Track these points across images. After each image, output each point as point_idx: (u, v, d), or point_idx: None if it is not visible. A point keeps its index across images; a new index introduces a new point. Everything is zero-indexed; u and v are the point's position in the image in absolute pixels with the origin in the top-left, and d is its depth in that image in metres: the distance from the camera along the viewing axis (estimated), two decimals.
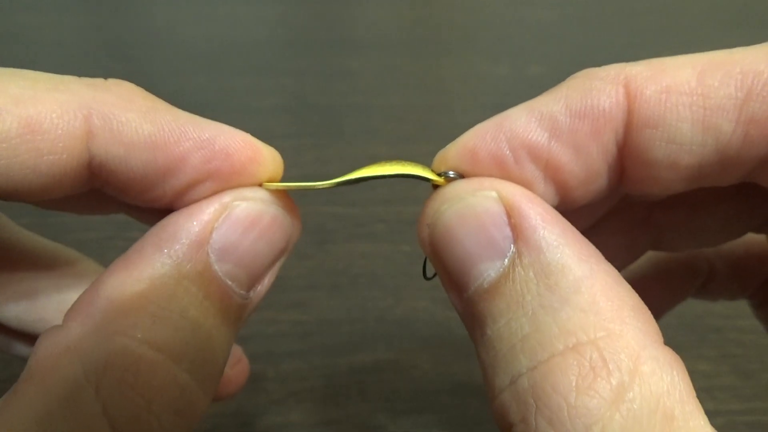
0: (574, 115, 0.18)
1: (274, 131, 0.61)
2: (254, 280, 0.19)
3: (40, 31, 0.84)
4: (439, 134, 0.63)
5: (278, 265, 0.20)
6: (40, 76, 0.18)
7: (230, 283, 0.19)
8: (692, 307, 0.32)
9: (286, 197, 0.20)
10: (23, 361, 0.25)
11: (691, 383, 0.16)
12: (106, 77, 0.19)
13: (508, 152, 0.19)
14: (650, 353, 0.16)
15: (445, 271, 0.19)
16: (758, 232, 0.26)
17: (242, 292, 0.19)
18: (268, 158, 0.20)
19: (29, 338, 0.26)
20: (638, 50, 0.82)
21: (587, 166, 0.19)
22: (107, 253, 0.45)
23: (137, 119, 0.18)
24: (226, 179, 0.19)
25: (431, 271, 0.20)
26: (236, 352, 0.31)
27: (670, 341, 0.16)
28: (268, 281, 0.20)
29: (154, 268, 0.18)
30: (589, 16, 0.96)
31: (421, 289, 0.45)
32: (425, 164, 0.20)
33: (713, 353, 0.41)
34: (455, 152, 0.19)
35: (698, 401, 0.15)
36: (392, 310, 0.43)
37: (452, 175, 0.19)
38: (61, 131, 0.17)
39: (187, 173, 0.19)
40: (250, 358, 0.31)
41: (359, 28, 0.92)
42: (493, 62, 0.79)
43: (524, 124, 0.19)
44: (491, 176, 0.19)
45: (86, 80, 0.19)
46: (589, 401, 0.15)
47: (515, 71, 0.76)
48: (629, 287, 0.17)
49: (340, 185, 0.19)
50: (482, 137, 0.19)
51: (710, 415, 0.15)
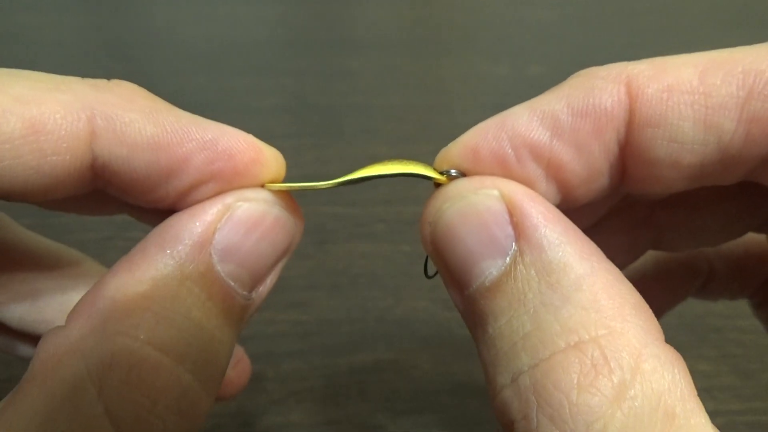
0: (575, 113, 0.18)
1: (274, 131, 0.61)
2: (257, 280, 0.20)
3: (40, 31, 0.84)
4: (439, 134, 0.62)
5: (281, 265, 0.20)
6: (43, 76, 0.18)
7: (233, 283, 0.19)
8: (692, 307, 0.32)
9: (288, 198, 0.20)
10: (24, 361, 0.25)
11: (692, 381, 0.16)
12: (106, 77, 0.19)
13: (509, 151, 0.19)
14: (651, 351, 0.16)
15: (446, 269, 0.19)
16: (758, 231, 0.26)
17: (245, 292, 0.19)
18: (270, 159, 0.20)
19: (31, 339, 0.26)
20: (638, 50, 0.81)
21: (589, 164, 0.19)
22: (107, 253, 0.45)
23: (140, 120, 0.18)
24: (228, 180, 0.19)
25: (432, 269, 0.20)
26: (238, 352, 0.31)
27: (670, 341, 0.16)
28: (270, 282, 0.20)
29: (157, 268, 0.18)
30: (589, 16, 0.96)
31: (421, 289, 0.45)
32: (426, 163, 0.20)
33: (713, 353, 0.41)
34: (457, 151, 0.20)
35: (699, 399, 0.15)
36: (392, 310, 0.43)
37: (454, 173, 0.20)
38: (64, 132, 0.17)
39: (189, 174, 0.19)
40: (250, 358, 0.31)
41: (359, 28, 0.92)
42: (493, 62, 0.79)
43: (526, 122, 0.19)
44: (493, 175, 0.19)
45: (89, 81, 0.19)
46: (590, 399, 0.15)
47: (515, 71, 0.76)
48: (630, 285, 0.17)
49: (342, 185, 0.19)
50: (484, 136, 0.19)
51: (710, 415, 0.15)
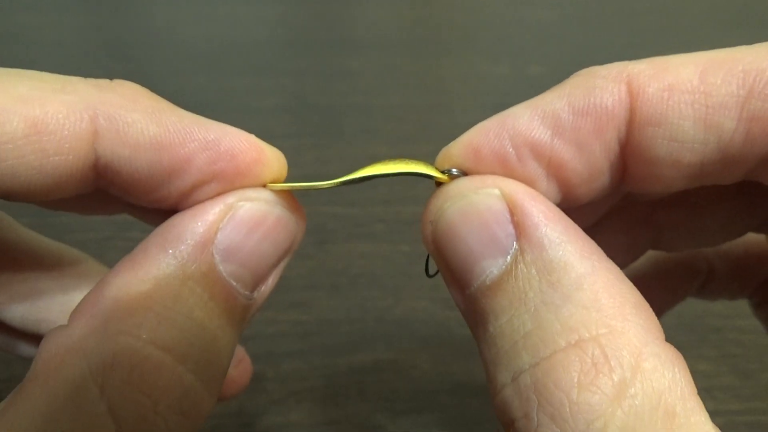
0: (576, 112, 0.18)
1: (274, 131, 0.61)
2: (258, 280, 0.20)
3: (40, 31, 0.84)
4: (439, 134, 0.62)
5: (282, 265, 0.20)
6: (46, 76, 0.18)
7: (235, 283, 0.19)
8: (692, 307, 0.32)
9: (290, 198, 0.20)
10: (25, 361, 0.25)
11: (692, 380, 0.16)
12: (106, 77, 0.19)
13: (510, 150, 0.19)
14: (652, 350, 0.16)
15: (447, 268, 0.19)
16: (758, 231, 0.26)
17: (246, 292, 0.19)
18: (272, 159, 0.20)
19: (33, 338, 0.26)
20: (638, 50, 0.81)
21: (590, 163, 0.19)
22: (107, 253, 0.46)
23: (143, 120, 0.18)
24: (230, 180, 0.19)
25: (433, 268, 0.20)
26: (239, 352, 0.31)
27: (669, 341, 0.16)
28: (272, 281, 0.20)
29: (159, 268, 0.18)
30: (589, 16, 0.96)
31: (420, 288, 0.45)
32: (427, 162, 0.20)
33: (713, 353, 0.41)
34: (458, 150, 0.20)
35: (699, 398, 0.16)
36: (392, 310, 0.43)
37: (455, 172, 0.20)
38: (67, 132, 0.17)
39: (192, 174, 0.19)
40: (250, 358, 0.31)
41: (359, 28, 0.92)
42: (493, 62, 0.79)
43: (527, 121, 0.19)
44: (494, 174, 0.19)
45: (92, 81, 0.19)
46: (591, 397, 0.15)
47: (515, 71, 0.76)
48: (631, 284, 0.17)
49: (343, 184, 0.19)
50: (485, 135, 0.19)
51: (710, 414, 0.15)
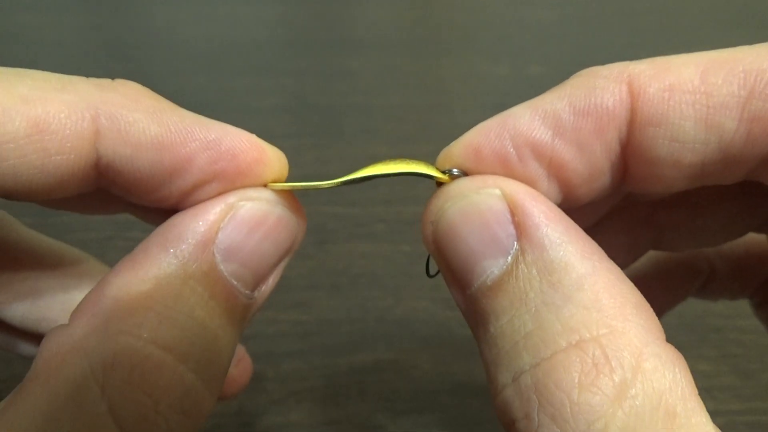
0: (577, 113, 0.18)
1: (274, 131, 0.61)
2: (259, 279, 0.20)
3: (40, 31, 0.84)
4: (439, 134, 0.63)
5: (283, 264, 0.20)
6: (47, 76, 0.18)
7: (235, 283, 0.19)
8: (692, 306, 0.32)
9: (291, 197, 0.20)
10: (25, 360, 0.25)
11: (693, 380, 0.16)
12: (106, 77, 0.19)
13: (511, 150, 0.19)
14: (652, 350, 0.16)
15: (448, 268, 0.19)
16: (759, 231, 0.26)
17: (247, 291, 0.19)
18: (273, 159, 0.20)
19: (33, 337, 0.26)
20: (638, 50, 0.81)
21: (590, 163, 0.19)
22: (108, 253, 0.46)
23: (144, 120, 0.18)
24: (231, 180, 0.19)
25: (434, 268, 0.20)
26: (239, 351, 0.31)
27: (670, 341, 0.16)
28: (272, 281, 0.20)
29: (160, 267, 0.18)
30: (589, 16, 0.96)
31: (421, 289, 0.45)
32: (428, 162, 0.20)
33: (713, 353, 0.41)
34: (459, 150, 0.20)
35: (700, 398, 0.16)
36: (392, 310, 0.43)
37: (456, 172, 0.20)
38: (68, 131, 0.17)
39: (193, 174, 0.19)
40: (250, 357, 0.31)
41: (359, 28, 0.92)
42: (493, 62, 0.79)
43: (528, 121, 0.19)
44: (495, 174, 0.19)
45: (93, 80, 0.19)
46: (591, 398, 0.15)
47: (515, 71, 0.76)
48: (632, 285, 0.17)
49: (344, 184, 0.19)
50: (486, 135, 0.19)
51: (710, 415, 0.15)
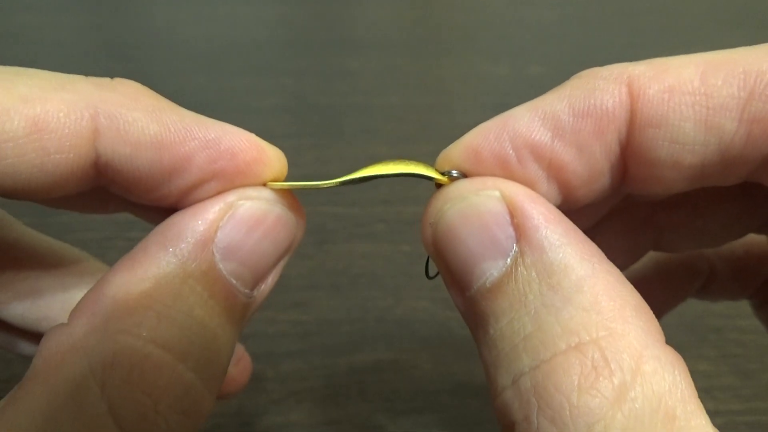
0: (577, 114, 0.18)
1: (274, 131, 0.61)
2: (258, 278, 0.20)
3: (40, 31, 0.84)
4: (439, 134, 0.63)
5: (282, 264, 0.20)
6: (47, 75, 0.18)
7: (235, 282, 0.19)
8: (692, 307, 0.32)
9: (290, 197, 0.20)
10: (25, 360, 0.25)
11: (692, 383, 0.16)
12: (106, 77, 0.19)
13: (511, 151, 0.19)
14: (652, 353, 0.16)
15: (447, 270, 0.19)
16: (759, 232, 0.26)
17: (246, 290, 0.19)
18: (272, 158, 0.20)
19: (33, 336, 0.26)
20: (638, 50, 0.82)
21: (590, 165, 0.19)
22: (108, 252, 0.46)
23: (143, 119, 0.18)
24: (231, 179, 0.19)
25: (433, 270, 0.20)
26: (238, 350, 0.31)
27: (670, 341, 0.16)
28: (271, 280, 0.20)
29: (159, 266, 0.18)
30: (589, 16, 0.96)
31: (421, 289, 0.45)
32: (428, 164, 0.20)
33: (713, 353, 0.41)
34: (458, 151, 0.20)
35: (700, 401, 0.15)
36: (392, 310, 0.43)
37: (455, 174, 0.20)
38: (68, 130, 0.17)
39: (192, 173, 0.19)
40: (250, 357, 0.31)
41: (359, 28, 0.92)
42: (493, 62, 0.79)
43: (527, 123, 0.19)
44: (494, 175, 0.19)
45: (93, 79, 0.19)
46: (591, 400, 0.15)
47: (515, 71, 0.76)
48: (631, 287, 0.17)
49: (344, 184, 0.19)
50: (485, 136, 0.19)
51: (710, 415, 0.15)
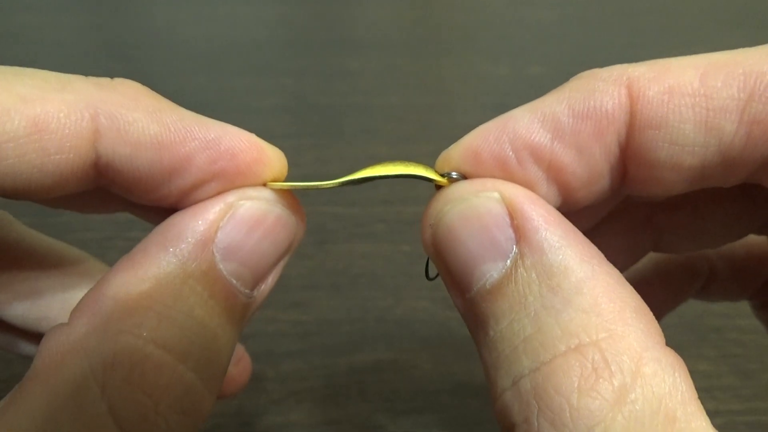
0: (576, 116, 0.18)
1: (274, 131, 0.61)
2: (258, 279, 0.20)
3: (40, 31, 0.84)
4: (439, 134, 0.63)
5: (282, 264, 0.20)
6: (47, 75, 0.18)
7: (235, 282, 0.19)
8: (692, 307, 0.32)
9: (290, 197, 0.20)
10: (25, 360, 0.25)
11: (692, 384, 0.16)
12: (106, 77, 0.19)
13: (510, 153, 0.19)
14: (652, 354, 0.16)
15: (447, 271, 0.19)
16: (759, 233, 0.26)
17: (246, 291, 0.19)
18: (272, 158, 0.20)
19: (33, 337, 0.26)
20: (638, 50, 0.82)
21: (590, 167, 0.19)
22: (108, 252, 0.46)
23: (144, 119, 0.18)
24: (231, 179, 0.19)
25: (433, 271, 0.20)
26: (238, 350, 0.31)
27: (670, 341, 0.16)
28: (271, 280, 0.20)
29: (159, 267, 0.18)
30: (589, 16, 0.96)
31: (421, 289, 0.45)
32: (427, 164, 0.20)
33: (713, 353, 0.41)
34: (458, 153, 0.20)
35: (700, 402, 0.15)
36: (392, 310, 0.43)
37: (455, 175, 0.20)
38: (68, 131, 0.17)
39: (192, 173, 0.19)
40: (250, 357, 0.31)
41: (359, 28, 0.92)
42: (493, 62, 0.79)
43: (527, 125, 0.19)
44: (494, 177, 0.19)
45: (93, 80, 0.19)
46: (591, 402, 0.15)
47: (515, 71, 0.76)
48: (631, 288, 0.17)
49: (344, 185, 0.19)
50: (485, 138, 0.19)
51: (710, 415, 0.15)
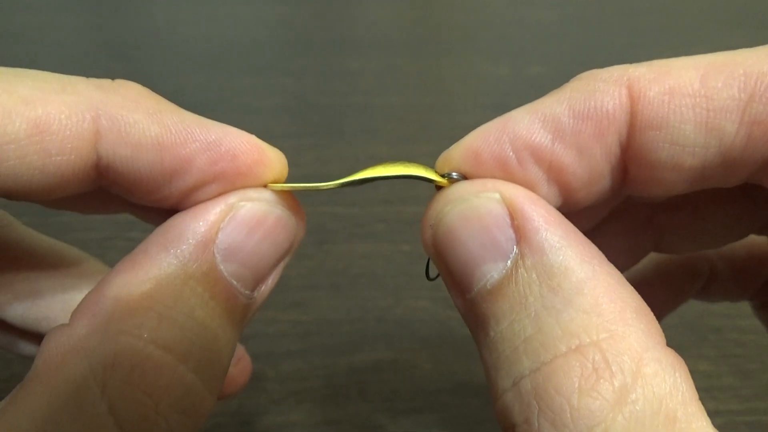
0: (577, 116, 0.18)
1: (274, 131, 0.61)
2: (259, 279, 0.20)
3: (40, 31, 0.84)
4: (439, 134, 0.63)
5: (282, 264, 0.21)
6: (48, 76, 0.18)
7: (235, 283, 0.19)
8: (692, 307, 0.32)
9: (290, 198, 0.20)
10: (25, 360, 0.25)
11: (693, 385, 0.16)
12: (106, 77, 0.19)
13: (511, 154, 0.19)
14: (653, 355, 0.16)
15: (448, 272, 0.19)
16: (760, 233, 0.26)
17: (247, 292, 0.19)
18: (273, 160, 0.20)
19: (33, 337, 0.26)
20: (639, 50, 0.82)
21: (590, 167, 0.19)
22: (108, 253, 0.46)
23: (144, 120, 0.18)
24: (231, 181, 0.19)
25: (434, 272, 0.20)
26: (238, 351, 0.31)
27: (670, 341, 0.16)
28: (272, 281, 0.20)
29: (160, 268, 0.18)
30: (589, 16, 0.96)
31: (421, 289, 0.45)
32: (427, 165, 0.20)
33: (713, 353, 0.41)
34: (459, 153, 0.20)
35: (701, 403, 0.15)
36: (392, 310, 0.43)
37: (455, 176, 0.19)
38: (69, 132, 0.17)
39: (193, 175, 0.19)
40: (250, 357, 0.31)
41: (359, 28, 0.92)
42: (493, 62, 0.79)
43: (527, 125, 0.19)
44: (494, 177, 0.19)
45: (94, 81, 0.19)
46: (591, 403, 0.15)
47: (515, 71, 0.76)
48: (632, 289, 0.17)
49: (344, 186, 0.19)
50: (485, 139, 0.19)
51: (710, 415, 0.15)
